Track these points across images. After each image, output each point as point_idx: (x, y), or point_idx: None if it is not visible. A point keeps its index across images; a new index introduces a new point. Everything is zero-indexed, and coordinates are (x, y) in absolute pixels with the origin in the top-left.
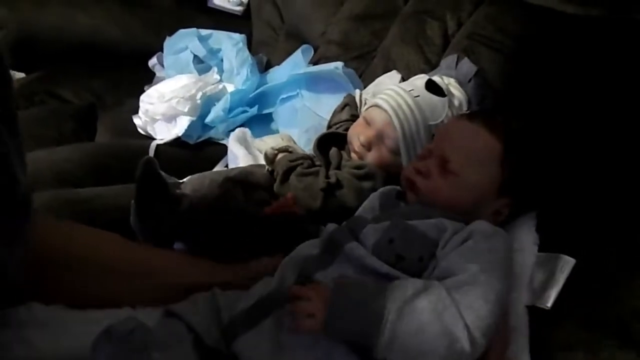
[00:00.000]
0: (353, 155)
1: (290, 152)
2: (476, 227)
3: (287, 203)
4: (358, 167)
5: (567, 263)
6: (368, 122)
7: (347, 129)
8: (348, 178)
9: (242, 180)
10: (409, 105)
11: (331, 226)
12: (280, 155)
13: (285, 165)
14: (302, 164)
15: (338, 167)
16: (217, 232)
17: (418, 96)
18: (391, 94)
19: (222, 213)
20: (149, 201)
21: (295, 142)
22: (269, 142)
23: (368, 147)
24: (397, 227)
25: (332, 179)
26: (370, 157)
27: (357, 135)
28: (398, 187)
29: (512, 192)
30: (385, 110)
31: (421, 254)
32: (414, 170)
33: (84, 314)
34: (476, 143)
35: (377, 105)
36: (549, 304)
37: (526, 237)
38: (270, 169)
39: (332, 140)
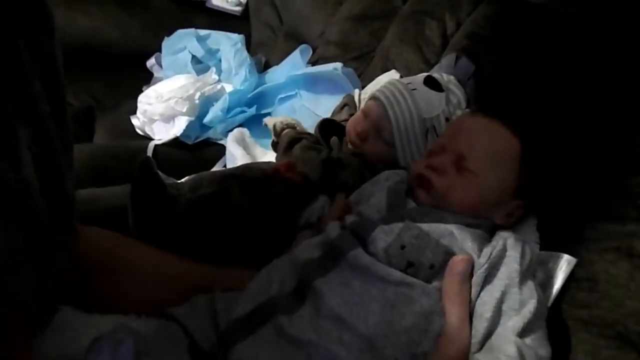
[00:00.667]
0: (350, 147)
1: (297, 129)
2: (507, 242)
3: (285, 168)
4: (356, 155)
5: (568, 262)
6: (365, 115)
7: None
8: (350, 159)
9: (240, 175)
10: (404, 98)
11: (333, 230)
12: (287, 130)
13: (291, 136)
14: (307, 138)
15: None
16: (217, 232)
17: (415, 89)
18: (388, 87)
19: (221, 213)
20: (146, 202)
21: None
22: (279, 119)
23: (364, 138)
24: (409, 233)
25: (334, 156)
26: (366, 148)
27: (354, 126)
28: (405, 183)
29: (527, 194)
30: (381, 101)
31: (433, 261)
32: (427, 167)
33: (90, 317)
34: (496, 141)
35: (374, 98)
36: (549, 303)
37: (527, 236)
38: (275, 140)
39: (332, 131)
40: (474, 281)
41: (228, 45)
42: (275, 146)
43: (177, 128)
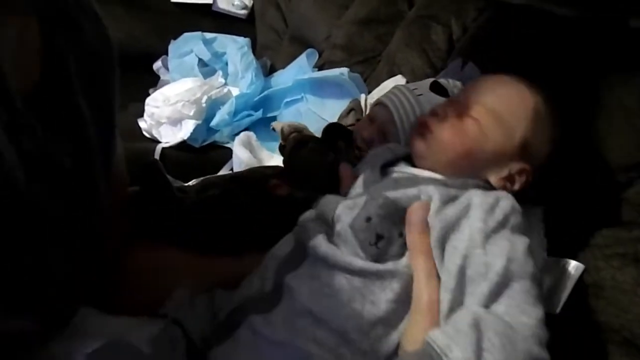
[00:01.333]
0: (356, 151)
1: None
2: (472, 200)
3: (275, 185)
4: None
5: (576, 269)
6: (371, 119)
7: None
8: (356, 162)
9: (243, 177)
10: (410, 103)
11: (303, 220)
12: (294, 133)
13: (298, 140)
14: (313, 142)
15: None
16: (216, 231)
17: (421, 95)
18: (394, 92)
19: (222, 212)
20: (153, 203)
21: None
22: (286, 123)
23: (370, 143)
24: (374, 203)
25: (340, 159)
26: None
27: (361, 131)
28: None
29: (533, 157)
30: (387, 107)
31: (402, 229)
32: (429, 114)
33: (104, 319)
34: (508, 91)
35: (380, 103)
36: (557, 310)
37: (534, 242)
38: (282, 144)
39: (339, 135)
40: (432, 244)
41: (234, 48)
42: (282, 149)
43: (184, 131)
